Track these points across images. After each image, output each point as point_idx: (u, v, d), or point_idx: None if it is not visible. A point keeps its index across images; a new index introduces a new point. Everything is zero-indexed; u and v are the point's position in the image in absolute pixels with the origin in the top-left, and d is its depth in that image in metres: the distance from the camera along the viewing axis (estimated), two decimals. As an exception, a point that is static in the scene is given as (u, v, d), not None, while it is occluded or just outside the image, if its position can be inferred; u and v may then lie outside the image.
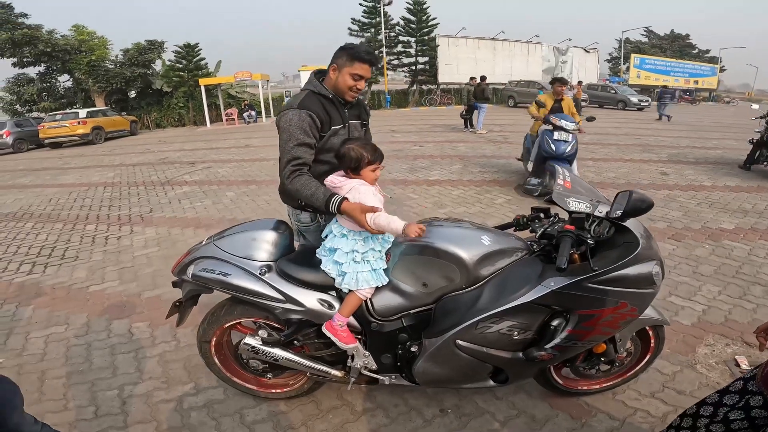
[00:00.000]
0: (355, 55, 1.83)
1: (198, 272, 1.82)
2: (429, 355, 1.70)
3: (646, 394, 2.17)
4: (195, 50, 23.04)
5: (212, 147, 12.46)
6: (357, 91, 1.92)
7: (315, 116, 1.84)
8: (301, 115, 1.82)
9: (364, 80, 1.88)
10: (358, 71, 1.84)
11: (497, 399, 2.15)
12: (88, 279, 3.77)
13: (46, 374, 2.49)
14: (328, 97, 1.92)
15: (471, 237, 1.70)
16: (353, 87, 1.88)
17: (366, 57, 1.84)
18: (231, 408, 2.16)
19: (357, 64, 1.83)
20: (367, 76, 1.88)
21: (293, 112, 1.83)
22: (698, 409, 1.36)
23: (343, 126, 1.96)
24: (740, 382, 1.29)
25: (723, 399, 1.30)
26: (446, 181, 6.65)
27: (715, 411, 1.30)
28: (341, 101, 1.95)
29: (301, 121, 1.81)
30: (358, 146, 1.72)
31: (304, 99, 1.89)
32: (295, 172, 1.81)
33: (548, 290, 1.53)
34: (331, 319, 1.76)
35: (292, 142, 1.81)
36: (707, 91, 38.40)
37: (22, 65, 20.60)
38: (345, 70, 1.85)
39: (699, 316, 2.86)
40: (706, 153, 8.93)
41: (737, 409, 1.26)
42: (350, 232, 1.72)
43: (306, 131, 1.82)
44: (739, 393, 1.27)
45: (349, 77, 1.85)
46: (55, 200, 6.86)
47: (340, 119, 1.95)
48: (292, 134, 1.81)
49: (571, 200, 1.60)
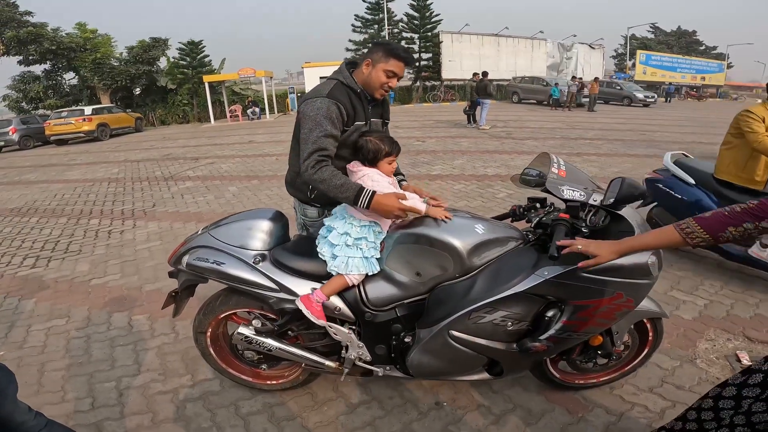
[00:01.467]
0: (392, 52, 1.79)
1: (192, 261, 1.82)
2: (422, 346, 1.69)
3: (644, 388, 2.14)
4: (199, 47, 23.12)
5: (216, 143, 12.49)
6: (388, 90, 1.88)
7: (342, 108, 1.77)
8: (329, 105, 1.74)
9: (396, 78, 1.83)
10: (393, 68, 1.79)
11: (493, 392, 2.14)
12: (90, 272, 3.80)
13: (46, 366, 2.50)
14: (356, 91, 1.85)
15: (465, 226, 1.68)
16: (385, 84, 1.84)
17: (403, 54, 1.81)
18: (226, 400, 2.16)
19: (393, 61, 1.79)
20: (401, 74, 1.84)
21: (321, 101, 1.75)
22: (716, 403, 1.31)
23: (365, 123, 1.89)
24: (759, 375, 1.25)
25: (743, 392, 1.26)
26: (448, 176, 6.62)
27: (738, 403, 1.26)
28: (368, 97, 1.90)
29: (329, 111, 1.74)
30: (376, 138, 1.73)
31: (333, 89, 1.80)
32: (321, 162, 1.71)
33: (542, 279, 1.51)
34: (310, 293, 1.73)
35: (318, 132, 1.72)
36: (714, 87, 37.96)
37: (27, 63, 20.78)
38: (379, 66, 1.80)
39: (700, 310, 2.83)
40: (713, 149, 8.81)
41: (761, 400, 1.22)
42: (350, 216, 1.72)
43: (333, 122, 1.75)
44: (759, 386, 1.23)
45: (383, 74, 1.80)
46: (60, 196, 6.92)
47: (364, 116, 1.88)
48: (319, 123, 1.73)
49: (565, 188, 1.58)
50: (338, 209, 1.81)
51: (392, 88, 1.88)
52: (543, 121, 14.21)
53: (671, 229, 1.23)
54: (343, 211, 1.78)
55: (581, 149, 8.71)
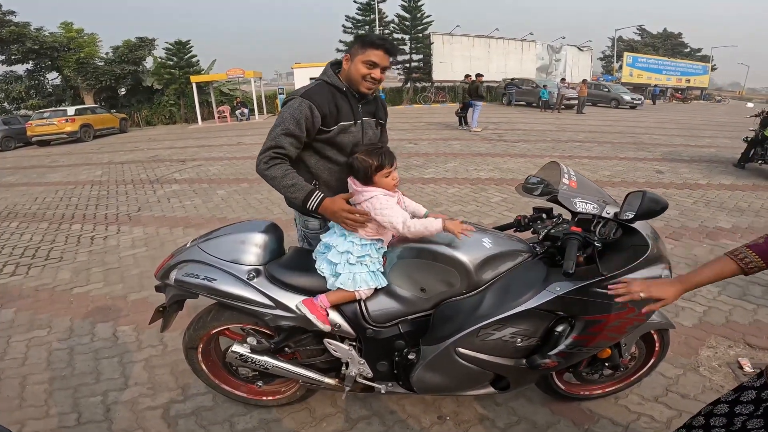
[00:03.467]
0: (367, 41, 1.72)
1: (181, 277, 1.72)
2: (427, 363, 1.62)
3: (649, 398, 2.11)
4: (186, 47, 22.77)
5: (203, 145, 12.29)
6: (372, 82, 1.76)
7: (316, 108, 1.71)
8: (301, 104, 1.71)
9: (379, 69, 1.74)
10: (371, 58, 1.71)
11: (497, 405, 2.08)
12: (72, 281, 3.65)
13: (28, 379, 2.39)
14: (341, 90, 1.79)
15: (471, 240, 1.60)
16: (367, 76, 1.74)
17: (378, 42, 1.71)
18: (220, 416, 2.07)
19: (369, 50, 1.71)
20: (383, 63, 1.74)
21: (294, 101, 1.73)
22: (707, 421, 1.30)
23: (353, 123, 1.82)
24: (752, 392, 1.24)
25: (735, 409, 1.25)
26: (441, 179, 6.57)
27: (730, 420, 1.25)
28: (355, 95, 1.82)
29: (299, 110, 1.70)
30: (363, 154, 1.60)
31: (312, 88, 1.77)
32: (274, 160, 1.70)
33: (554, 295, 1.45)
34: (313, 297, 1.65)
35: (279, 129, 1.70)
36: (699, 89, 38.71)
37: (9, 63, 20.33)
38: (357, 59, 1.73)
39: (700, 317, 2.81)
40: (700, 151, 8.95)
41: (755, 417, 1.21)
42: (350, 234, 1.63)
43: (299, 122, 1.70)
44: (753, 402, 1.22)
45: (362, 65, 1.72)
46: (41, 199, 6.69)
47: (351, 115, 1.81)
48: (283, 121, 1.71)
49: (578, 201, 1.51)
50: (336, 225, 1.72)
51: (376, 79, 1.76)
52: (533, 123, 14.31)
53: (727, 260, 1.23)
54: (340, 227, 1.69)
55: (572, 152, 8.75)
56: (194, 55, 23.13)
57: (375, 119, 1.95)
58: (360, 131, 1.86)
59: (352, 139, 1.82)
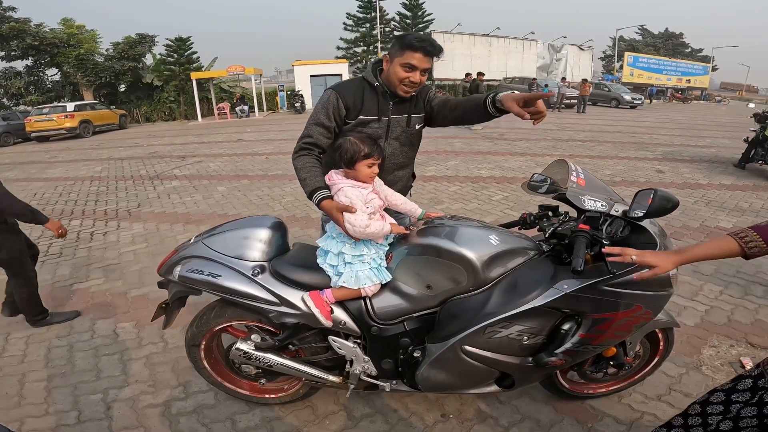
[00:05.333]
0: (405, 42, 1.67)
1: (185, 273, 1.71)
2: (433, 361, 1.61)
3: (652, 397, 2.11)
4: (187, 44, 22.69)
5: (203, 141, 12.26)
6: (411, 85, 1.72)
7: (341, 99, 1.76)
8: (330, 95, 1.78)
9: (418, 72, 1.69)
10: (409, 60, 1.66)
11: (500, 403, 2.07)
12: (71, 277, 3.63)
13: (27, 377, 2.38)
14: (372, 85, 1.79)
15: (479, 236, 1.59)
16: (405, 79, 1.69)
17: (417, 44, 1.65)
18: (222, 413, 2.06)
19: (408, 52, 1.66)
20: (422, 66, 1.68)
21: (326, 92, 1.82)
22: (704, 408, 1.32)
23: (377, 119, 1.79)
24: (748, 380, 1.26)
25: (731, 396, 1.26)
26: (442, 177, 6.56)
27: (727, 408, 1.26)
28: (388, 93, 1.79)
29: (327, 101, 1.78)
30: (356, 138, 1.61)
31: (345, 81, 1.87)
32: (302, 150, 1.77)
33: (561, 293, 1.44)
34: (319, 290, 1.64)
35: (312, 119, 1.80)
36: (699, 89, 38.71)
37: (9, 59, 20.23)
38: (396, 60, 1.70)
39: (702, 316, 2.81)
40: (701, 151, 8.95)
41: (750, 405, 1.22)
42: (339, 234, 1.63)
43: (327, 112, 1.77)
44: (750, 390, 1.24)
45: (400, 68, 1.68)
46: (40, 195, 6.66)
47: (376, 111, 1.79)
48: (316, 112, 1.80)
49: (586, 198, 1.49)
50: (329, 226, 1.71)
51: (415, 83, 1.71)
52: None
53: (729, 239, 1.22)
54: (332, 228, 1.68)
55: (573, 151, 8.74)
56: (194, 51, 23.07)
57: (407, 116, 1.88)
58: (385, 128, 1.84)
59: (371, 133, 1.79)
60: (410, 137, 1.95)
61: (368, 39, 26.00)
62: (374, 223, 1.57)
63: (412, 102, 1.88)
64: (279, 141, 11.24)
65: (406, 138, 1.93)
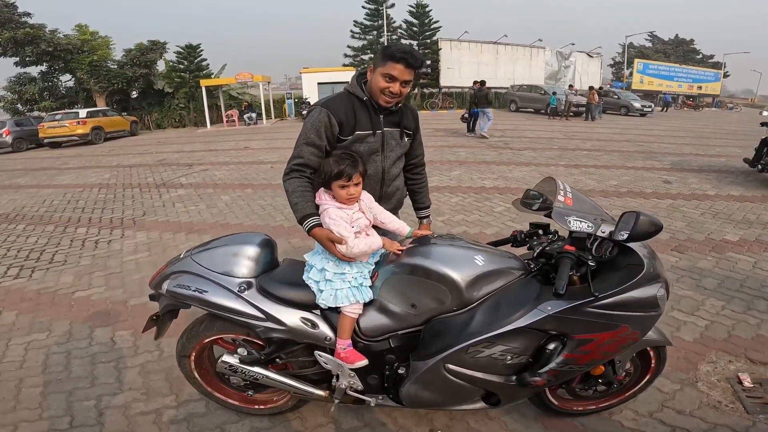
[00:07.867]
0: (387, 53, 1.67)
1: (173, 288, 1.73)
2: (417, 378, 1.61)
3: (644, 413, 2.08)
4: (197, 51, 23.07)
5: (211, 149, 12.40)
6: (391, 96, 1.73)
7: (332, 116, 1.72)
8: (320, 113, 1.73)
9: (399, 83, 1.69)
10: (390, 71, 1.66)
11: (489, 419, 2.06)
12: (74, 284, 3.69)
13: (24, 382, 2.42)
14: (361, 99, 1.78)
15: (463, 257, 1.59)
16: (385, 89, 1.70)
17: (398, 55, 1.64)
18: (212, 422, 2.07)
19: (389, 63, 1.66)
20: (402, 77, 1.68)
21: (315, 110, 1.77)
22: None
23: (371, 133, 1.79)
24: None
25: None
26: (445, 188, 6.55)
27: None
28: (375, 106, 1.79)
29: (318, 120, 1.73)
30: (332, 157, 1.62)
31: (333, 97, 1.80)
32: (293, 172, 1.74)
33: (544, 315, 1.43)
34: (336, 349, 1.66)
35: (302, 139, 1.75)
36: (710, 96, 38.29)
37: (24, 64, 20.61)
38: (378, 70, 1.70)
39: (701, 331, 2.76)
40: (710, 161, 8.83)
41: None
42: (324, 251, 1.65)
43: (318, 131, 1.72)
44: None
45: (381, 78, 1.69)
46: (50, 201, 6.79)
47: (370, 125, 1.79)
48: (305, 131, 1.75)
49: (572, 219, 1.48)
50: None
51: (394, 93, 1.71)
52: (540, 131, 14.22)
53: None
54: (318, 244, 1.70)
55: (579, 160, 8.68)
56: (204, 58, 23.46)
57: (400, 129, 1.90)
58: (379, 142, 1.84)
59: (369, 148, 1.81)
60: (403, 149, 1.98)
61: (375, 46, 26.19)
62: (360, 242, 1.59)
63: (402, 116, 1.90)
64: (285, 149, 11.33)
65: (400, 150, 1.95)
